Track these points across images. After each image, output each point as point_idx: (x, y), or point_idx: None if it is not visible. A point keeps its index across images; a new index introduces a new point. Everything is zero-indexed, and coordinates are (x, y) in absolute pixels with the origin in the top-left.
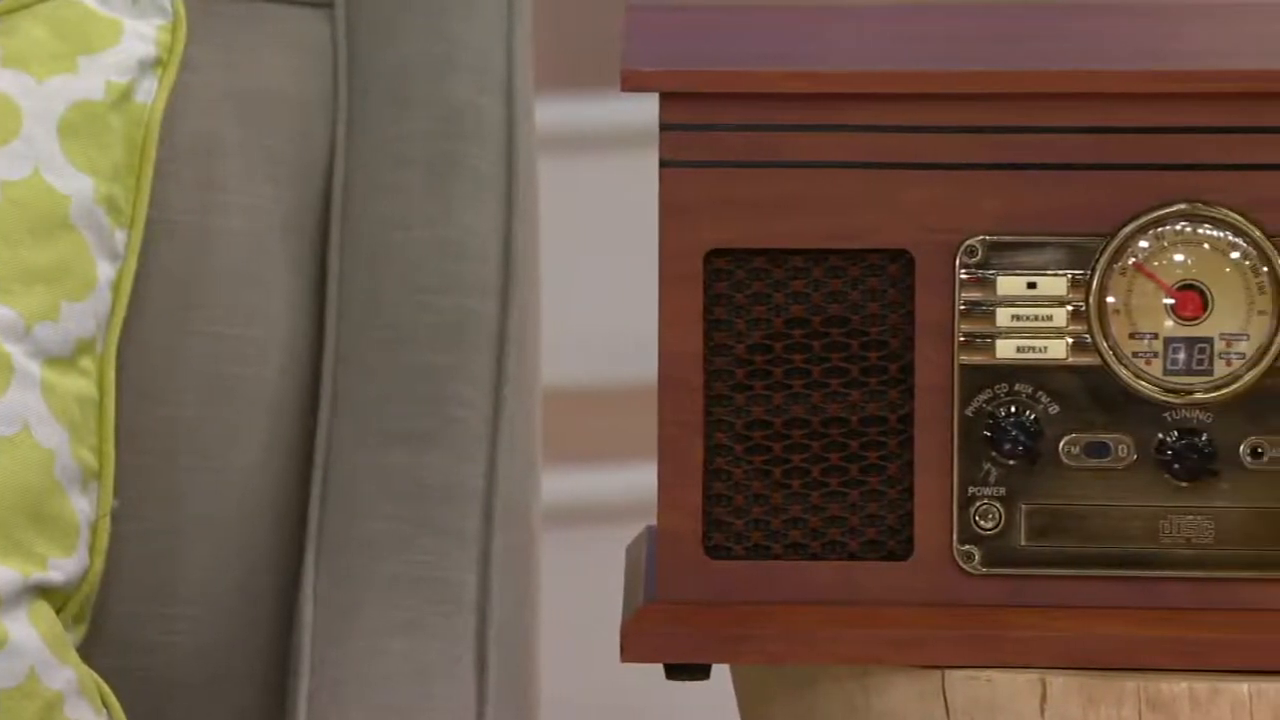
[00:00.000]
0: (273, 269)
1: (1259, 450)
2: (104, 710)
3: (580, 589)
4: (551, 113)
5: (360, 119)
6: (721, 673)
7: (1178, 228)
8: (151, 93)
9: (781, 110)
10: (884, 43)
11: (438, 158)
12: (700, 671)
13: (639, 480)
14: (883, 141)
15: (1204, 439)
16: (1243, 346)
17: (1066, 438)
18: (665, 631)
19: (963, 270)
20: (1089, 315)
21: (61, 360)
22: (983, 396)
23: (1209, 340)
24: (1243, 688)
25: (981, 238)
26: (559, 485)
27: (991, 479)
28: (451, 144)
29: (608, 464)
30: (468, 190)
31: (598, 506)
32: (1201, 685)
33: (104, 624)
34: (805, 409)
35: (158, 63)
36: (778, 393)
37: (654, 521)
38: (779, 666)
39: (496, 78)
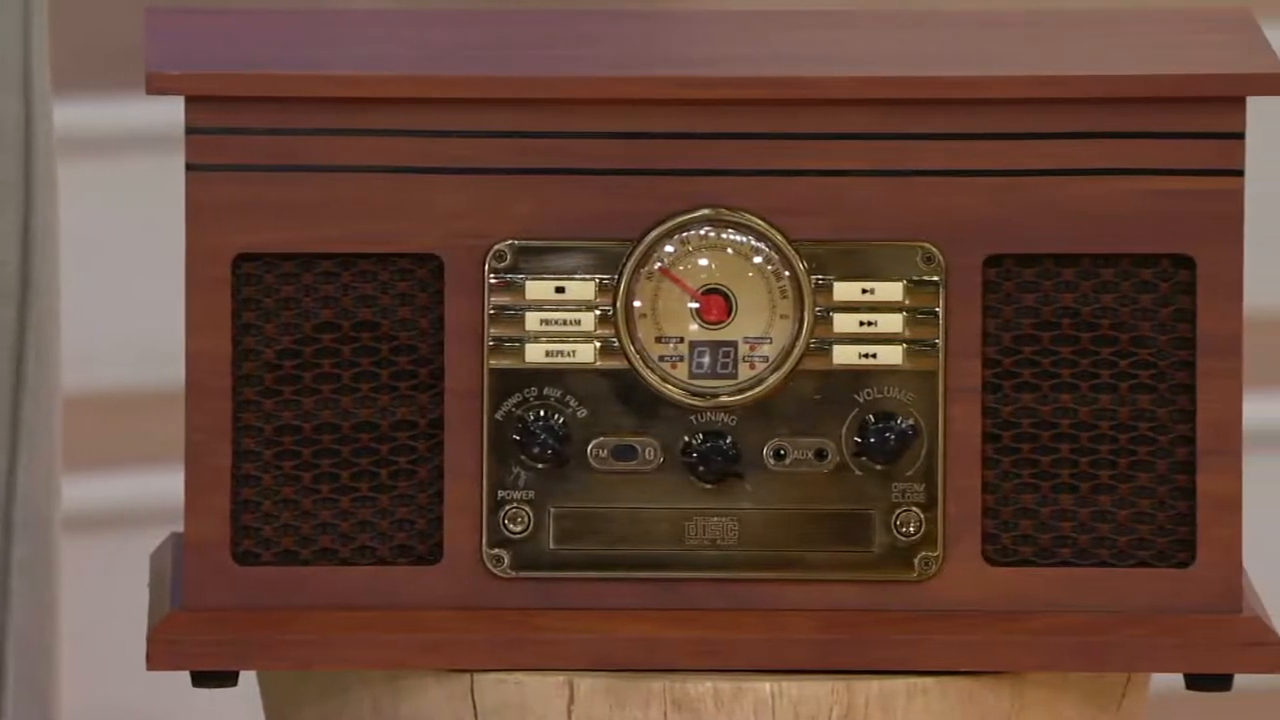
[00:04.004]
0: None
1: (781, 452)
2: None
3: (104, 597)
4: (74, 114)
5: None
6: (250, 679)
7: (702, 232)
8: None
9: (308, 114)
10: (411, 47)
11: None
12: (228, 678)
13: (165, 486)
14: (410, 146)
15: (728, 441)
16: (766, 350)
17: (595, 441)
18: (192, 638)
19: (492, 275)
20: (616, 319)
21: None
22: (512, 400)
23: (733, 344)
24: (765, 687)
25: (510, 242)
26: (81, 492)
27: (521, 483)
28: None
29: (132, 470)
30: None
31: (122, 513)
32: (726, 685)
33: None
34: (335, 414)
35: None
36: (307, 398)
37: (181, 528)
38: (308, 672)
39: (12, 77)
